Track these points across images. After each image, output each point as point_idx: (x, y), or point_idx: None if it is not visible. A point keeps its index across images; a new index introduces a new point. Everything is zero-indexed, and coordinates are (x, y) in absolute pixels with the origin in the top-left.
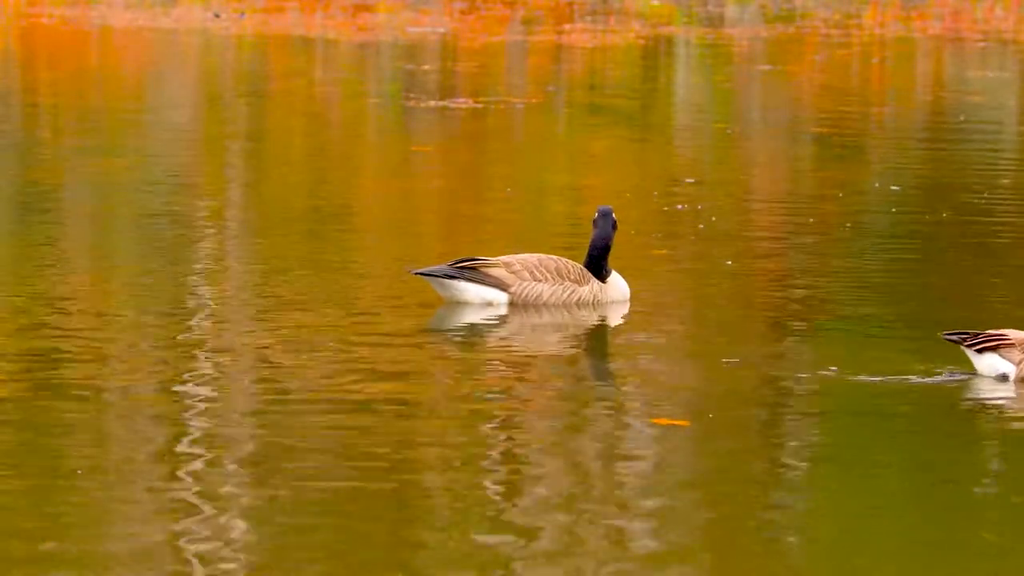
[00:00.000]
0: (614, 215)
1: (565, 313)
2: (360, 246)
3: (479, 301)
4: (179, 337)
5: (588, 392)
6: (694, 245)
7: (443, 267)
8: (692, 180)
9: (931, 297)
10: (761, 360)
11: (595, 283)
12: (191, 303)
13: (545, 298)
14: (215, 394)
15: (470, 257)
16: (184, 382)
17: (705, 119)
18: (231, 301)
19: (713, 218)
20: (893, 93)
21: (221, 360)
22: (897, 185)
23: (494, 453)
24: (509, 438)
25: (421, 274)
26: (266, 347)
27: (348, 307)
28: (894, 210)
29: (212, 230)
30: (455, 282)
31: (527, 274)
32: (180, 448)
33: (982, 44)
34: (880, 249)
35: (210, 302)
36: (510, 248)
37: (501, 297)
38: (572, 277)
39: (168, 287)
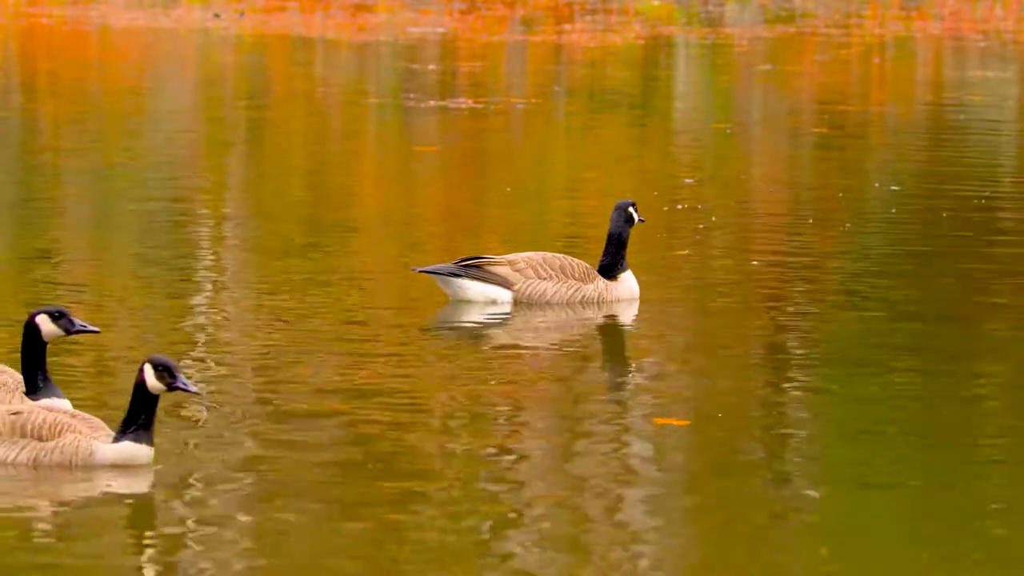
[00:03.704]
0: (632, 210)
1: (570, 311)
2: (362, 245)
3: (483, 299)
4: (187, 322)
5: (589, 391)
6: (695, 244)
7: (448, 265)
8: (692, 180)
9: (932, 296)
10: (763, 359)
11: (601, 281)
12: (194, 299)
13: (549, 296)
14: (217, 390)
15: (476, 255)
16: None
17: (705, 119)
18: (232, 300)
19: (713, 218)
20: (893, 93)
21: (224, 357)
22: (897, 185)
23: (495, 450)
24: (511, 436)
25: (426, 272)
26: (267, 345)
27: (351, 305)
28: (894, 210)
29: (213, 230)
30: (460, 280)
31: (532, 272)
32: (183, 447)
33: (982, 44)
34: (880, 249)
35: (212, 299)
36: (510, 247)
37: (505, 295)
38: (577, 275)
39: (171, 283)
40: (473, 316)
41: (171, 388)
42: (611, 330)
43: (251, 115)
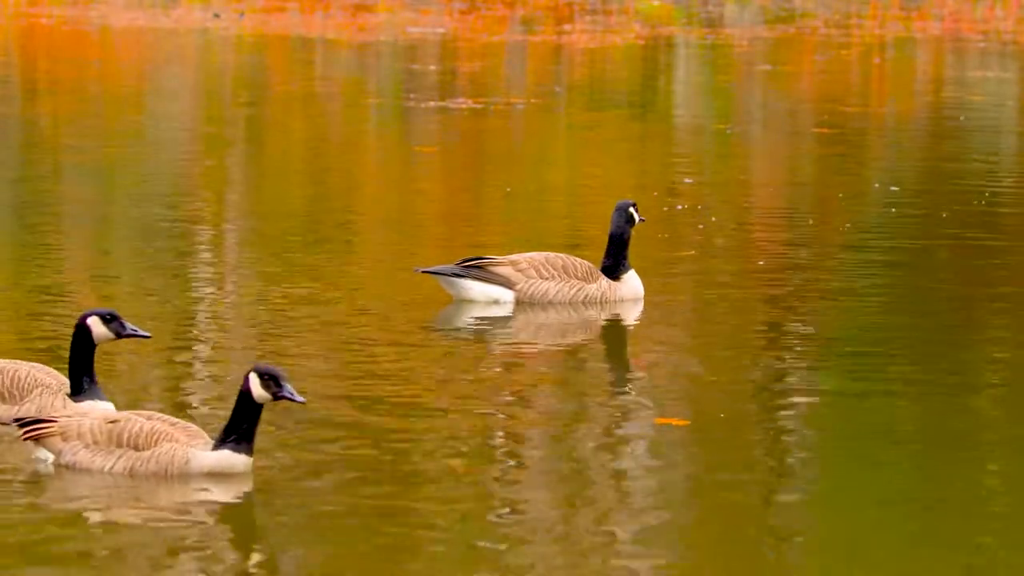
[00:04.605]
0: (632, 210)
1: (573, 311)
2: (362, 245)
3: (485, 299)
4: (187, 323)
5: (589, 390)
6: (696, 245)
7: (451, 266)
8: (692, 180)
9: (933, 297)
10: (764, 360)
11: (604, 281)
12: (194, 300)
13: (551, 296)
14: (220, 390)
15: (478, 256)
16: (191, 375)
17: (705, 119)
18: (234, 301)
19: (713, 218)
20: (893, 93)
21: (226, 357)
22: (896, 185)
23: (495, 449)
24: (510, 435)
25: (429, 272)
26: (270, 345)
27: (353, 304)
28: (893, 210)
29: (213, 231)
30: (462, 280)
31: (534, 272)
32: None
33: (982, 44)
34: (880, 249)
35: (214, 301)
36: (510, 247)
37: (507, 295)
38: (579, 275)
39: (171, 284)
40: (475, 316)
41: (277, 397)
42: (612, 330)
43: (251, 115)
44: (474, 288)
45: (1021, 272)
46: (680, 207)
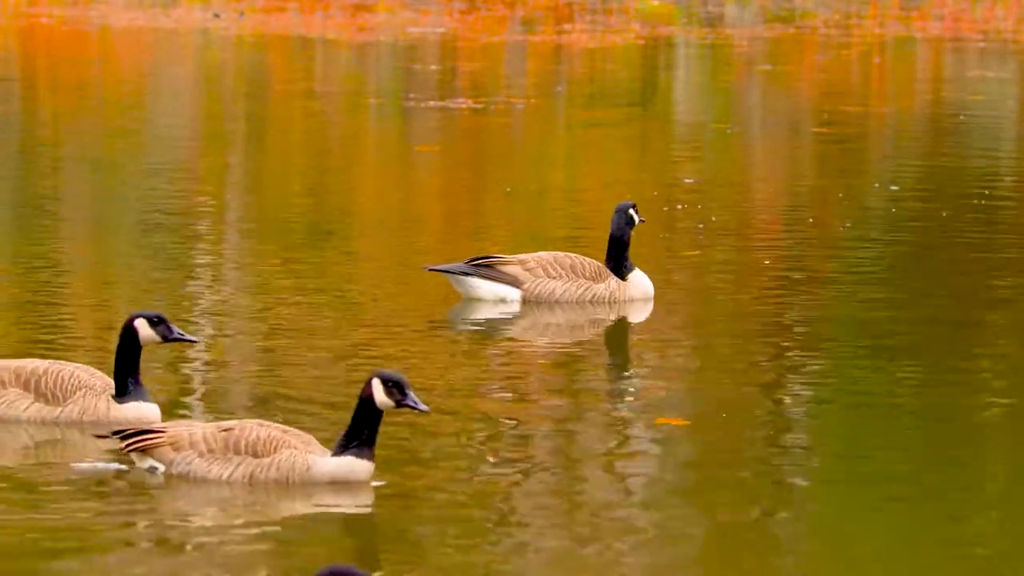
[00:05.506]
0: (632, 211)
1: (579, 310)
2: (364, 245)
3: (493, 298)
4: (189, 324)
5: (590, 390)
6: (696, 245)
7: (459, 264)
8: (692, 180)
9: (931, 295)
10: (765, 359)
11: (612, 280)
12: (196, 302)
13: (559, 295)
14: (221, 390)
15: (487, 255)
16: (191, 378)
17: (705, 119)
18: (237, 301)
19: (713, 218)
20: (893, 93)
21: (228, 357)
22: (897, 184)
23: (495, 446)
24: (512, 433)
25: (437, 270)
26: (275, 345)
27: (357, 304)
28: (893, 210)
29: (214, 232)
30: (469, 279)
31: (541, 271)
32: None
33: (982, 44)
34: (880, 249)
35: (216, 302)
36: (510, 247)
37: (514, 294)
38: (587, 275)
39: (171, 287)
40: (482, 314)
41: (400, 404)
42: (615, 329)
43: (251, 115)
44: (482, 286)
45: (1021, 270)
46: (680, 207)
